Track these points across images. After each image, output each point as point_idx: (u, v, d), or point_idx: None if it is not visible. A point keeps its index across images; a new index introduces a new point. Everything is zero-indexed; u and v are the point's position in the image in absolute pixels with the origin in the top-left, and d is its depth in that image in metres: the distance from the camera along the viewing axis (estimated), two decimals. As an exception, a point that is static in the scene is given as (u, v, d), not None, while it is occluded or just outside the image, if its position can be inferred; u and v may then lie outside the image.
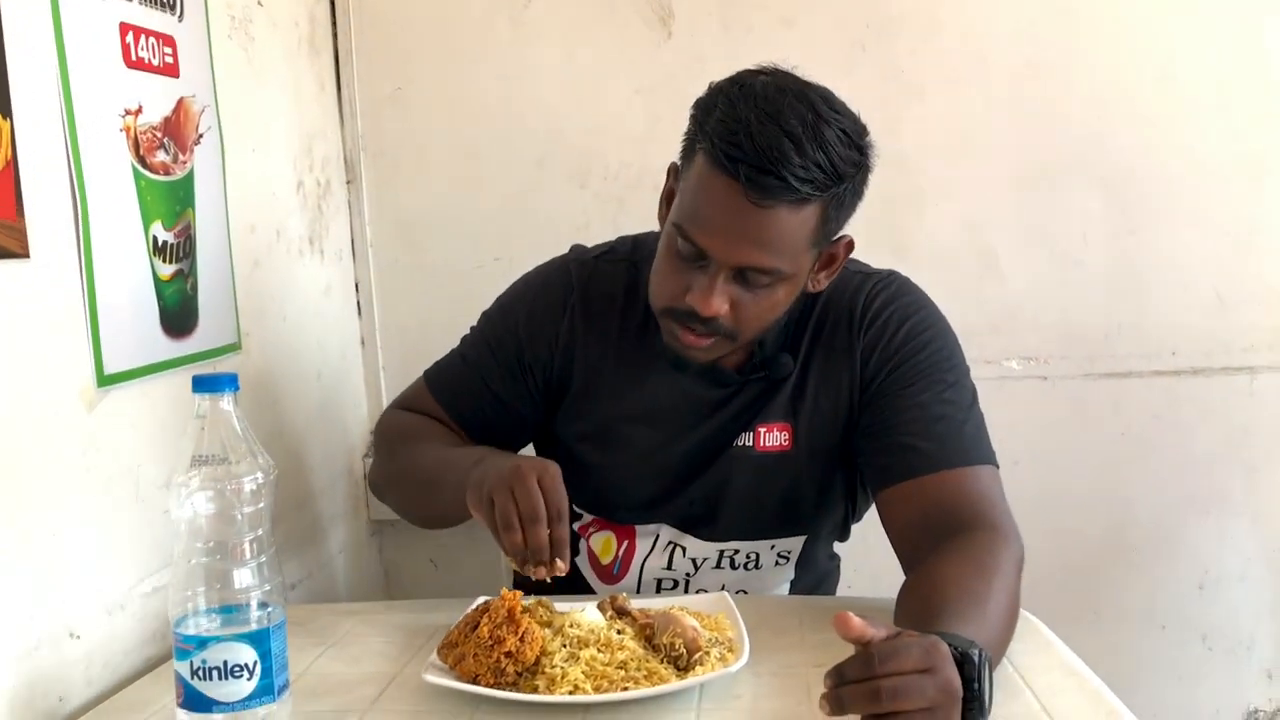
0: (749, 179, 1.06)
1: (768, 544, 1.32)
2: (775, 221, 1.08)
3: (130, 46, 1.21)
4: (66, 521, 1.08)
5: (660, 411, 1.27)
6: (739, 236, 1.09)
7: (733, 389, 1.26)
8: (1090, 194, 1.77)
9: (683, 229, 1.11)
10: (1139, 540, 1.80)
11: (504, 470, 1.06)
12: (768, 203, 1.07)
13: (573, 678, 0.94)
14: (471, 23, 1.80)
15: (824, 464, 1.27)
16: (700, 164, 1.11)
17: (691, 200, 1.12)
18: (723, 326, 1.14)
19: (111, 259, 1.16)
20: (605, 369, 1.27)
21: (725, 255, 1.10)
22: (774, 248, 1.10)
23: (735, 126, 1.08)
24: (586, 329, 1.27)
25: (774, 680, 1.00)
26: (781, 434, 1.25)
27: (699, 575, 1.32)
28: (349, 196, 1.85)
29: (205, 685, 0.85)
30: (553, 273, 1.32)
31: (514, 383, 1.29)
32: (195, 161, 1.34)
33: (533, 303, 1.30)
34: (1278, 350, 1.75)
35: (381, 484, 1.36)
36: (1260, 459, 1.76)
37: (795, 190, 1.06)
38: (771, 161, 1.05)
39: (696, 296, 1.12)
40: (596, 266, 1.30)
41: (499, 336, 1.31)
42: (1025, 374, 1.79)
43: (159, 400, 1.23)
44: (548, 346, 1.28)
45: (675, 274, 1.14)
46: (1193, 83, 1.74)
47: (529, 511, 1.03)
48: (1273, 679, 1.80)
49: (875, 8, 1.76)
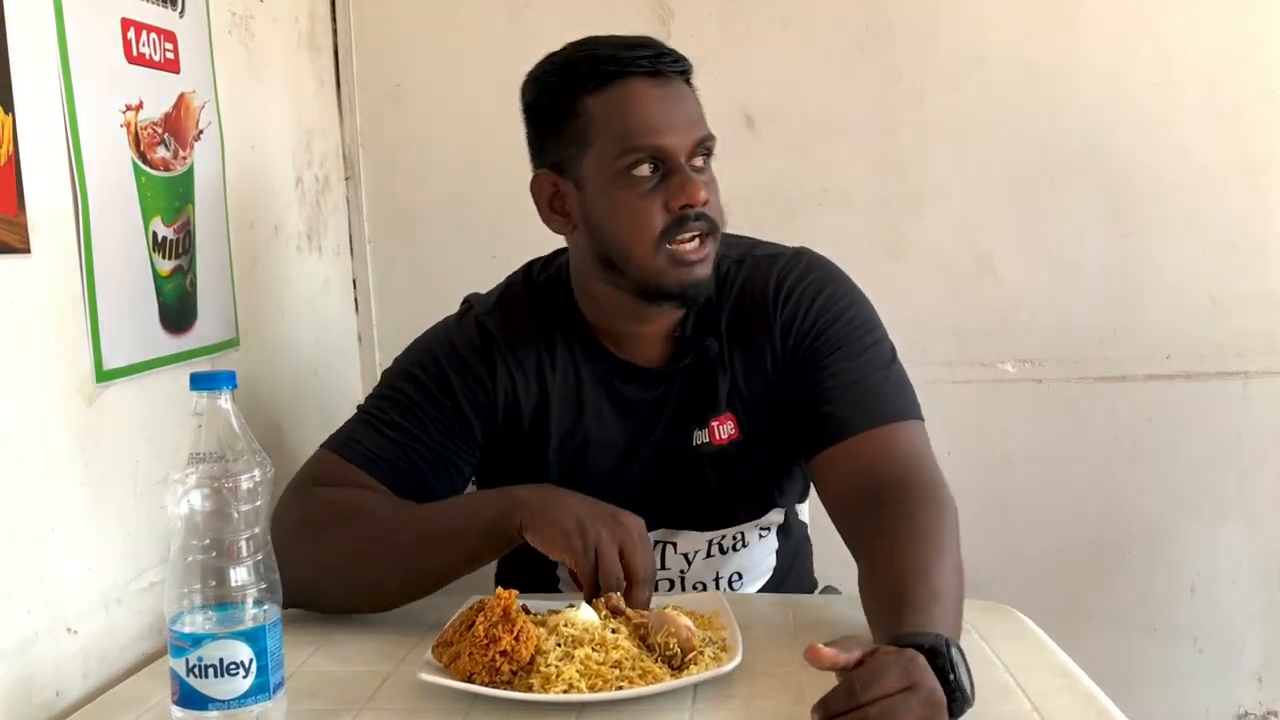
0: (654, 67, 1.17)
1: (752, 524, 1.33)
2: (686, 92, 1.20)
3: (131, 42, 1.22)
4: (64, 516, 1.09)
5: (607, 427, 1.28)
6: (681, 118, 1.17)
7: (666, 385, 1.27)
8: (1087, 198, 1.78)
9: (638, 148, 1.15)
10: (1131, 543, 1.81)
11: (610, 522, 1.08)
12: (674, 74, 1.18)
13: (567, 677, 0.94)
14: (471, 20, 1.80)
15: (774, 443, 1.28)
16: (603, 100, 1.17)
17: (626, 123, 1.16)
18: (709, 218, 1.18)
19: (111, 254, 1.16)
20: (548, 405, 1.27)
21: (681, 139, 1.16)
22: (699, 116, 1.20)
23: (601, 50, 1.19)
24: (523, 383, 1.27)
25: (768, 679, 1.01)
26: (728, 425, 1.27)
27: (693, 569, 1.33)
28: (348, 193, 1.86)
29: (201, 683, 0.85)
30: (467, 333, 1.29)
31: (457, 441, 1.25)
32: (195, 157, 1.34)
33: (458, 364, 1.26)
34: (1271, 355, 1.75)
35: (332, 566, 1.16)
36: (1252, 463, 1.77)
37: (677, 60, 1.19)
38: (650, 45, 1.18)
39: (683, 194, 1.15)
40: (504, 315, 1.29)
41: (433, 399, 1.25)
42: (1020, 376, 1.79)
43: (157, 396, 1.23)
44: (488, 402, 1.26)
45: (647, 201, 1.16)
46: (1189, 87, 1.74)
47: (644, 572, 1.07)
48: (1263, 682, 1.80)
49: (874, 10, 1.77)
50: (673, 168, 1.16)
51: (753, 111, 1.80)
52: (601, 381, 1.27)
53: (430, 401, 1.25)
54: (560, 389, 1.27)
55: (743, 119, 1.80)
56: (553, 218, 1.24)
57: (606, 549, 1.06)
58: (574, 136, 1.19)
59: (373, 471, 1.22)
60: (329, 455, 1.24)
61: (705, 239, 1.18)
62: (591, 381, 1.27)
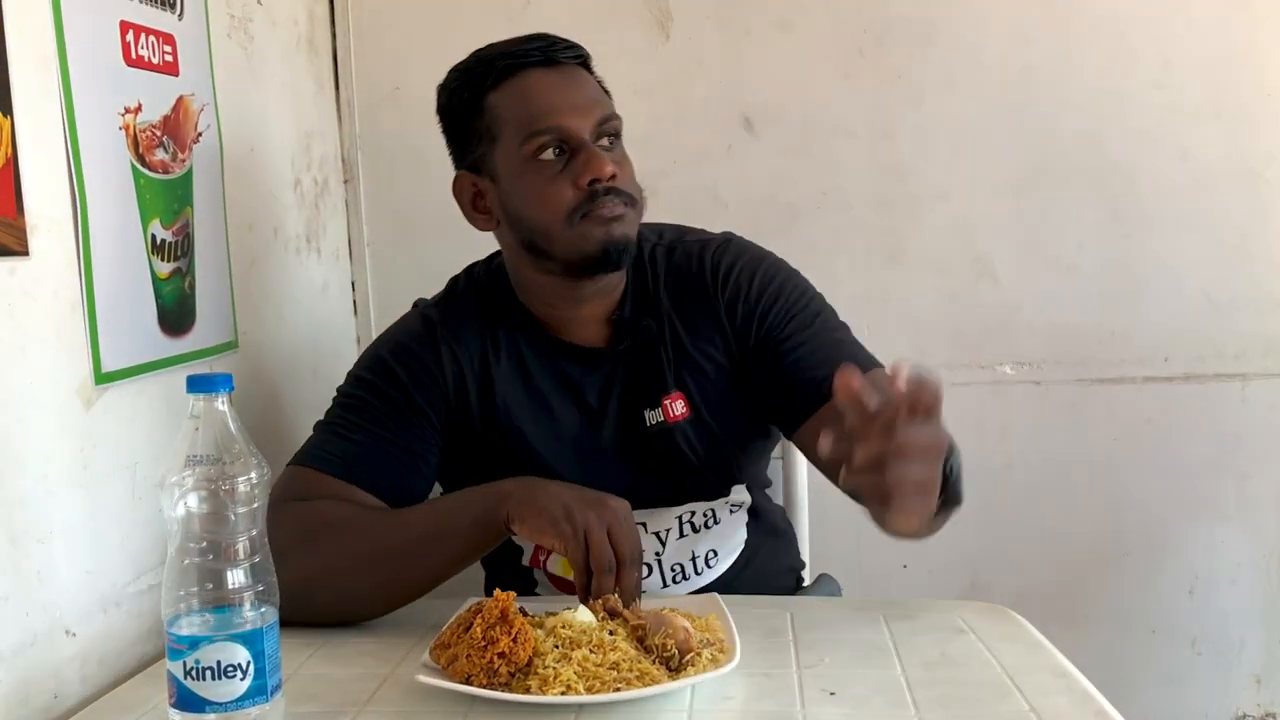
0: (547, 56, 1.24)
1: (720, 499, 1.35)
2: (584, 77, 1.27)
3: (130, 45, 1.22)
4: (63, 518, 1.09)
5: (560, 409, 1.30)
6: (579, 100, 1.23)
7: (611, 364, 1.30)
8: (1085, 199, 1.78)
9: (540, 131, 1.21)
10: (1130, 544, 1.81)
11: (597, 506, 1.08)
12: (569, 61, 1.25)
13: (565, 678, 0.94)
14: (469, 23, 1.80)
15: (728, 419, 1.31)
16: (503, 94, 1.24)
17: (525, 112, 1.22)
18: (623, 191, 1.22)
19: (110, 257, 1.17)
20: (493, 390, 1.30)
21: (584, 119, 1.22)
22: (600, 98, 1.26)
23: (497, 50, 1.26)
24: (469, 368, 1.29)
25: (766, 681, 1.01)
26: (679, 402, 1.30)
27: (668, 550, 1.33)
28: (346, 196, 1.86)
29: (198, 685, 0.85)
30: (410, 327, 1.33)
31: (416, 432, 1.27)
32: (194, 160, 1.34)
33: (403, 356, 1.29)
34: (1270, 357, 1.75)
35: (319, 576, 1.14)
36: (1251, 465, 1.77)
37: (570, 48, 1.26)
38: (543, 38, 1.25)
39: (590, 169, 1.20)
40: (447, 308, 1.33)
41: (383, 395, 1.27)
42: (1019, 378, 1.80)
43: (156, 398, 1.24)
44: (437, 388, 1.28)
45: (556, 182, 1.21)
46: (1188, 89, 1.74)
47: (633, 554, 1.07)
48: (1261, 684, 1.80)
49: (873, 13, 1.77)
50: (577, 147, 1.22)
51: (751, 114, 1.80)
52: (547, 365, 1.31)
53: (381, 398, 1.27)
54: (507, 375, 1.30)
55: (742, 121, 1.80)
56: (476, 217, 1.30)
57: (595, 532, 1.06)
58: (483, 134, 1.25)
59: (344, 475, 1.23)
60: (299, 470, 1.24)
61: (621, 204, 1.23)
62: (537, 365, 1.30)
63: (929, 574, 1.82)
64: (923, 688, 0.98)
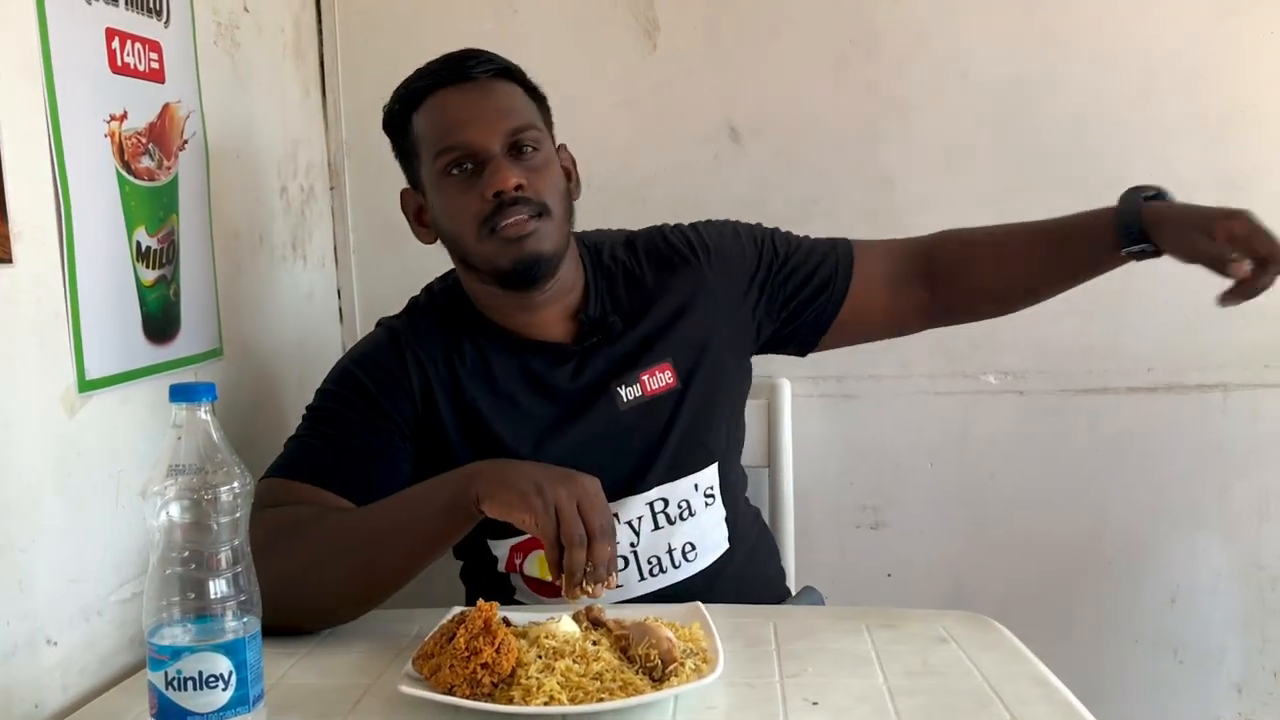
0: (459, 73, 1.28)
1: (689, 482, 1.35)
2: (497, 90, 1.29)
3: (116, 52, 1.22)
4: (45, 526, 1.08)
5: (528, 406, 1.32)
6: (486, 114, 1.26)
7: (579, 357, 1.33)
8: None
9: (448, 148, 1.26)
10: (1112, 554, 1.81)
11: (567, 481, 1.08)
12: (476, 75, 1.28)
13: (549, 688, 0.95)
14: (457, 31, 1.79)
15: (713, 383, 1.37)
16: (421, 115, 1.30)
17: (435, 129, 1.28)
18: (532, 201, 1.25)
19: (95, 264, 1.17)
20: (462, 393, 1.31)
21: (489, 133, 1.25)
22: (512, 109, 1.29)
23: (417, 73, 1.32)
24: (434, 372, 1.32)
25: (748, 691, 1.01)
26: (665, 373, 1.34)
27: (643, 543, 1.33)
28: (332, 203, 1.86)
29: (180, 696, 0.85)
30: (374, 338, 1.37)
31: (385, 437, 1.28)
32: (180, 167, 1.34)
33: (368, 365, 1.32)
34: (1250, 368, 1.76)
35: (294, 576, 1.13)
36: (1232, 475, 1.78)
37: (486, 62, 1.30)
38: (462, 55, 1.30)
39: (493, 181, 1.23)
40: (410, 321, 1.37)
41: (350, 404, 1.29)
42: (1002, 389, 1.80)
43: (140, 406, 1.23)
44: (404, 393, 1.30)
45: (465, 196, 1.26)
46: (1171, 103, 1.75)
47: (604, 526, 1.07)
48: (1242, 693, 1.81)
49: (859, 24, 1.78)
50: (485, 160, 1.25)
51: (738, 123, 1.81)
52: (513, 364, 1.33)
53: (349, 406, 1.29)
54: (473, 378, 1.32)
55: (728, 131, 1.81)
56: (420, 231, 1.36)
57: (565, 506, 1.06)
58: (412, 154, 1.32)
59: (314, 480, 1.24)
60: (270, 481, 1.25)
61: (532, 219, 1.25)
62: (502, 365, 1.33)
63: (912, 583, 1.83)
64: (904, 696, 0.99)
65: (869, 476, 1.84)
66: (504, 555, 1.33)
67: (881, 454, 1.83)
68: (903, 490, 1.84)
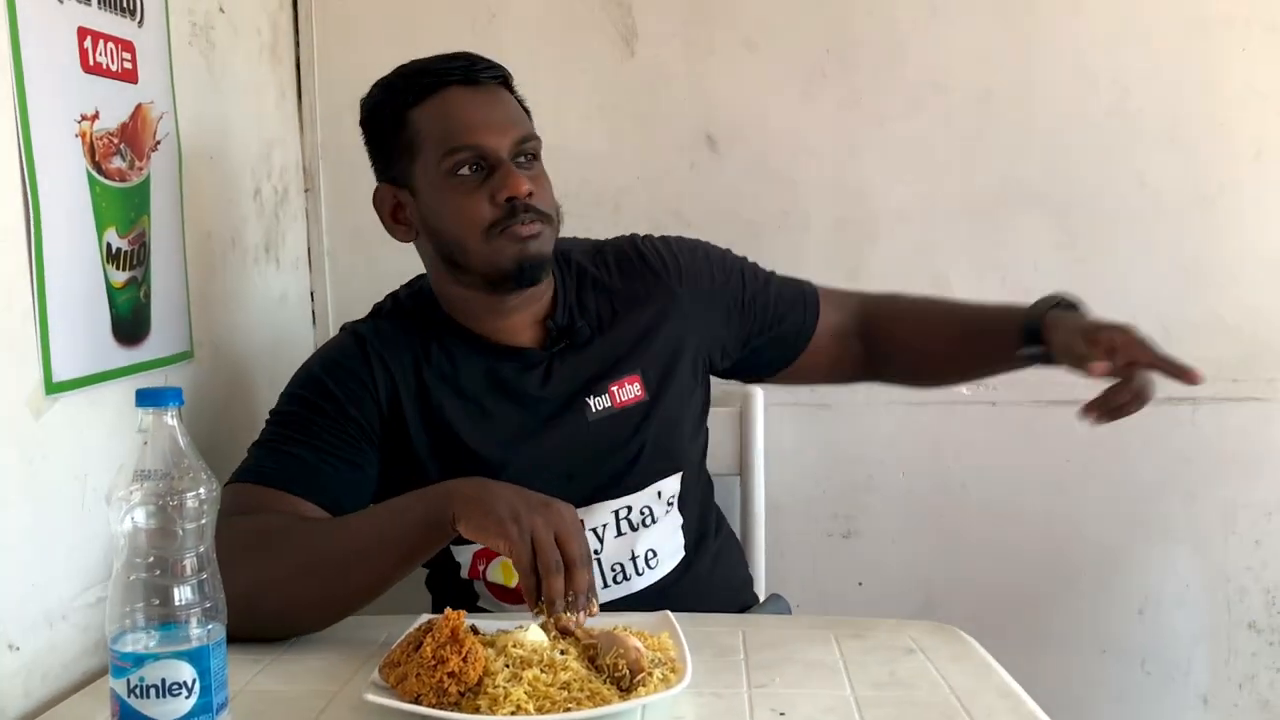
0: (468, 75, 1.28)
1: (653, 490, 1.35)
2: (504, 98, 1.31)
3: (88, 51, 1.21)
4: (9, 529, 1.07)
5: (496, 411, 1.32)
6: (498, 119, 1.27)
7: (545, 363, 1.33)
8: (1043, 223, 1.80)
9: (459, 148, 1.25)
10: (1082, 564, 1.82)
11: (543, 509, 1.07)
12: (489, 81, 1.29)
13: (515, 698, 0.94)
14: (435, 34, 1.80)
15: (678, 397, 1.38)
16: (424, 110, 1.27)
17: (446, 128, 1.26)
18: (538, 207, 1.26)
19: (63, 266, 1.15)
20: (429, 398, 1.31)
21: (501, 137, 1.26)
22: (519, 118, 1.30)
23: (420, 66, 1.30)
24: (401, 377, 1.31)
25: (716, 701, 1.01)
26: (633, 385, 1.35)
27: (606, 550, 1.33)
28: (307, 205, 1.85)
29: (142, 704, 0.84)
30: (340, 342, 1.36)
31: (351, 442, 1.27)
32: (152, 168, 1.33)
33: (334, 370, 1.31)
34: (1219, 382, 1.78)
35: (263, 586, 1.12)
36: (1200, 487, 1.80)
37: (491, 68, 1.30)
38: (465, 57, 1.29)
39: (507, 186, 1.24)
40: (376, 325, 1.36)
41: (316, 408, 1.28)
42: (974, 399, 1.81)
43: (107, 409, 1.22)
44: (370, 398, 1.30)
45: (474, 198, 1.25)
46: (1146, 116, 1.77)
47: (583, 555, 1.06)
48: (1208, 704, 1.83)
49: (836, 34, 1.79)
50: (495, 164, 1.25)
51: (715, 132, 1.81)
52: (479, 368, 1.33)
53: (315, 411, 1.28)
54: (439, 382, 1.32)
55: (705, 139, 1.81)
56: (395, 228, 1.34)
57: (542, 535, 1.05)
58: (404, 149, 1.29)
59: (282, 486, 1.22)
60: (237, 487, 1.23)
61: (536, 223, 1.26)
62: (469, 369, 1.32)
63: (883, 592, 1.84)
64: (872, 708, 0.99)
65: (841, 485, 1.85)
66: (467, 562, 1.33)
67: (854, 463, 1.84)
68: (874, 499, 1.84)
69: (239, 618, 0.92)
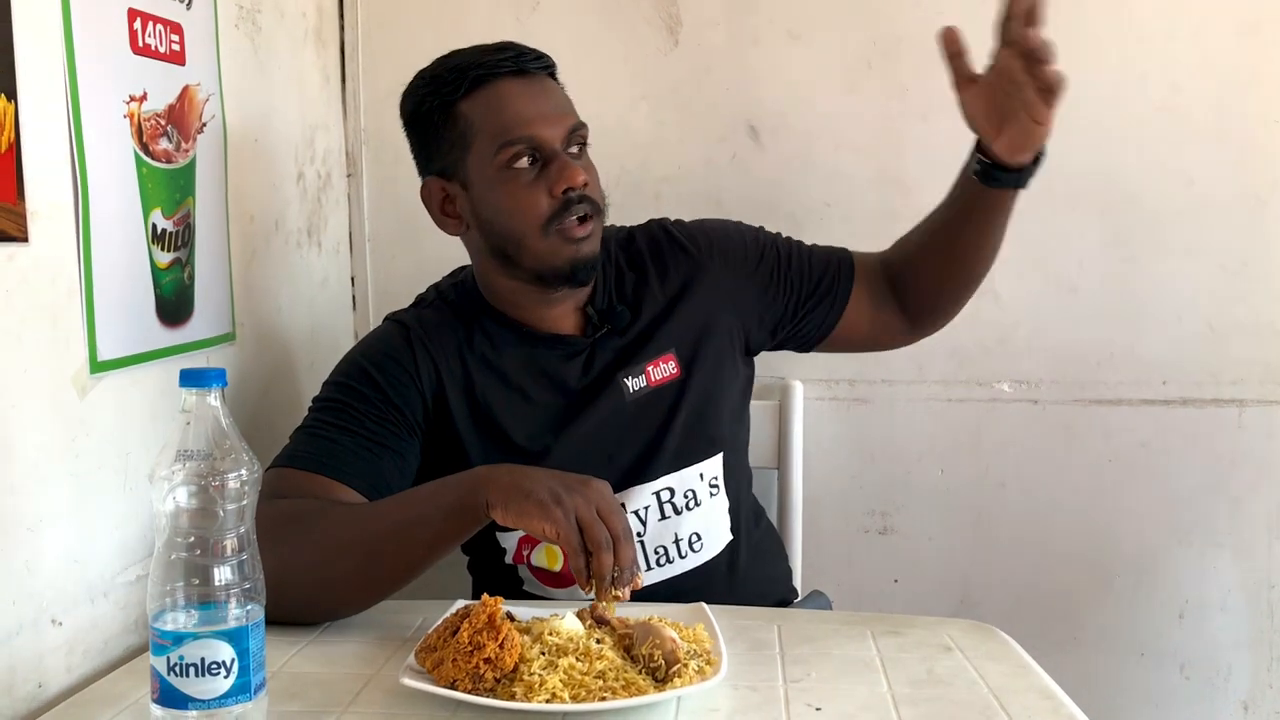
0: (517, 66, 1.27)
1: (695, 472, 1.35)
2: (552, 87, 1.31)
3: (138, 33, 1.22)
4: (53, 506, 1.08)
5: (538, 397, 1.32)
6: (550, 110, 1.27)
7: (587, 349, 1.34)
8: (1089, 221, 1.78)
9: (514, 141, 1.24)
10: (1121, 567, 1.80)
11: (582, 488, 1.07)
12: (537, 71, 1.29)
13: (551, 686, 0.94)
14: (478, 21, 1.80)
15: (714, 375, 1.38)
16: (475, 103, 1.26)
17: (500, 121, 1.25)
18: (591, 200, 1.27)
19: (110, 245, 1.16)
20: (473, 386, 1.31)
21: (556, 128, 1.26)
22: (569, 107, 1.30)
23: (467, 58, 1.28)
24: (445, 365, 1.31)
25: (751, 694, 1.01)
26: (669, 364, 1.35)
27: (649, 532, 1.33)
28: (349, 190, 1.86)
29: (181, 682, 0.85)
30: (384, 331, 1.36)
31: (393, 430, 1.28)
32: (197, 150, 1.34)
33: (377, 358, 1.31)
34: (1267, 384, 1.75)
35: (297, 569, 1.11)
36: (1244, 491, 1.77)
37: (539, 58, 1.29)
38: (512, 47, 1.28)
39: (564, 178, 1.24)
40: (420, 314, 1.37)
41: (360, 396, 1.28)
42: (1016, 397, 1.79)
43: (151, 388, 1.23)
44: (414, 386, 1.30)
45: (531, 190, 1.25)
46: (1195, 114, 1.74)
47: (625, 529, 1.05)
48: (1249, 710, 1.80)
49: (882, 27, 1.77)
50: (550, 156, 1.26)
51: (757, 122, 1.80)
52: (523, 357, 1.33)
53: (359, 399, 1.28)
54: (484, 371, 1.32)
55: (747, 129, 1.80)
56: (445, 221, 1.34)
57: (587, 514, 1.05)
58: (455, 141, 1.28)
59: (321, 471, 1.23)
60: (277, 471, 1.23)
61: (589, 220, 1.27)
62: (512, 358, 1.33)
63: (919, 590, 1.82)
64: (908, 705, 0.98)
65: (879, 481, 1.83)
66: (512, 547, 1.33)
67: (892, 459, 1.83)
68: (912, 496, 1.83)
69: (275, 601, 0.92)
